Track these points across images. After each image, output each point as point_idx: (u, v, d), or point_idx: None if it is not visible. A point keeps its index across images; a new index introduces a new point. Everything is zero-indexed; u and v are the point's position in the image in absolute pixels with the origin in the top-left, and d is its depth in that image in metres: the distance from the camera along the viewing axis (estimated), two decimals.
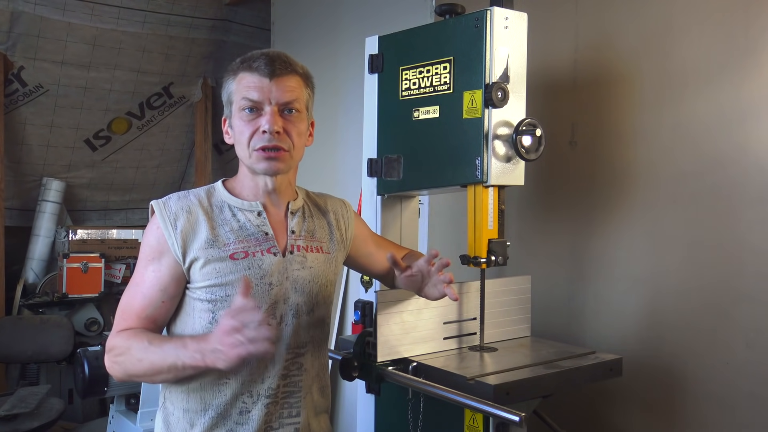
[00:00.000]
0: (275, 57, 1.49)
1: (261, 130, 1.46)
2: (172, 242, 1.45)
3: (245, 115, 1.47)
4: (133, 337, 1.41)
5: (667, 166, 2.11)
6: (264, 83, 1.46)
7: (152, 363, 1.37)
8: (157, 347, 1.37)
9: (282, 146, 1.47)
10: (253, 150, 1.47)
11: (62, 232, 4.60)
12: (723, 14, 1.98)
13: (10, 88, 4.32)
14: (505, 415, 1.49)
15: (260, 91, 1.46)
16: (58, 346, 3.92)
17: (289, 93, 1.48)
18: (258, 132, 1.46)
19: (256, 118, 1.47)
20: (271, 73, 1.47)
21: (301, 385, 1.53)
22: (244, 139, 1.48)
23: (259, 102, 1.46)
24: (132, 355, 1.40)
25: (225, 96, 1.53)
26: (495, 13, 1.81)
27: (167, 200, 1.51)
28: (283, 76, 1.48)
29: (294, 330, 1.51)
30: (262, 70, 1.46)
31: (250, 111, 1.47)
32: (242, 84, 1.48)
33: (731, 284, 1.95)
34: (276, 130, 1.45)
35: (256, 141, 1.47)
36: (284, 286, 1.50)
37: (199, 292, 1.46)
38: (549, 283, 2.38)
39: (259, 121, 1.46)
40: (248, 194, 1.55)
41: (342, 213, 1.70)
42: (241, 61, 1.50)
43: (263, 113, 1.46)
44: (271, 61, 1.47)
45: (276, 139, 1.46)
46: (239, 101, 1.48)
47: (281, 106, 1.48)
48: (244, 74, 1.48)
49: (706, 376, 2.00)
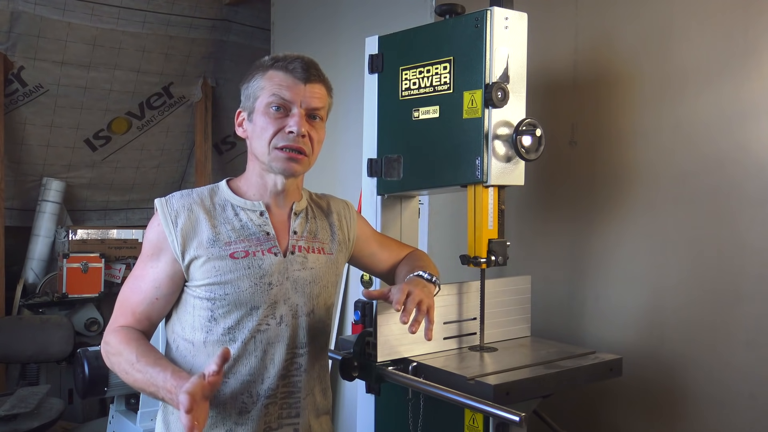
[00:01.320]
0: (310, 63, 1.52)
1: (287, 130, 1.47)
2: (172, 240, 1.46)
3: (272, 113, 1.48)
4: (125, 345, 1.42)
5: (668, 166, 2.10)
6: (298, 86, 1.48)
7: (135, 380, 1.40)
8: (143, 367, 1.37)
9: (304, 149, 1.49)
10: (274, 147, 1.48)
11: (62, 232, 4.60)
12: (723, 14, 1.98)
13: (10, 88, 4.32)
14: (505, 415, 1.49)
15: (293, 92, 1.48)
16: (58, 346, 3.92)
17: (319, 100, 1.51)
18: (283, 131, 1.47)
19: (283, 117, 1.48)
20: (306, 78, 1.49)
21: (301, 386, 1.53)
22: (267, 135, 1.48)
23: (289, 102, 1.48)
24: (121, 363, 1.42)
25: (249, 90, 1.53)
26: (495, 13, 1.81)
27: (170, 198, 1.52)
28: (316, 83, 1.51)
29: (293, 330, 1.51)
30: (298, 72, 1.49)
31: (278, 109, 1.48)
32: (274, 82, 1.49)
33: (731, 284, 1.95)
34: (303, 133, 1.47)
35: (279, 139, 1.48)
36: (284, 287, 1.50)
37: (199, 290, 1.47)
38: (549, 283, 2.38)
39: (285, 121, 1.48)
40: (253, 193, 1.55)
41: (345, 214, 1.71)
42: (273, 60, 1.52)
43: (291, 114, 1.48)
44: (306, 66, 1.50)
45: (300, 141, 1.48)
46: (268, 97, 1.48)
47: (309, 111, 1.50)
48: (277, 73, 1.49)
49: (706, 376, 2.00)
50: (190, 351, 1.50)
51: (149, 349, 1.43)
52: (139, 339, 1.45)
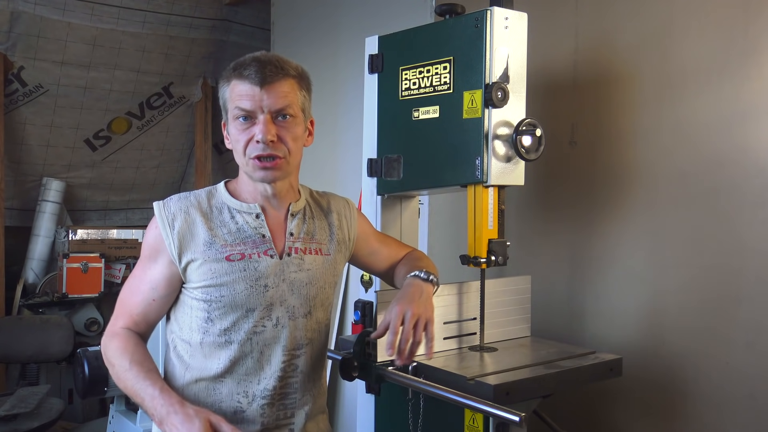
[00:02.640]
0: (266, 62, 1.46)
1: (255, 139, 1.45)
2: (169, 242, 1.47)
3: (239, 124, 1.46)
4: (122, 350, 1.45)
5: (667, 166, 2.11)
6: (255, 92, 1.44)
7: (126, 387, 1.42)
8: (133, 376, 1.40)
9: (277, 154, 1.47)
10: (249, 158, 1.47)
11: (62, 232, 4.60)
12: (723, 14, 1.98)
13: (10, 88, 4.32)
14: (505, 415, 1.49)
15: (252, 100, 1.44)
16: (58, 346, 3.92)
17: (282, 99, 1.46)
18: (252, 141, 1.45)
19: (250, 126, 1.46)
20: (261, 81, 1.44)
21: (298, 387, 1.54)
22: (239, 147, 1.47)
23: (251, 111, 1.45)
24: (115, 367, 1.44)
25: (221, 102, 1.53)
26: (495, 13, 1.81)
27: (168, 201, 1.52)
28: (275, 83, 1.45)
29: (290, 332, 1.51)
30: (253, 78, 1.44)
31: (244, 120, 1.46)
32: (234, 92, 1.46)
33: (731, 284, 1.95)
34: (269, 139, 1.44)
35: (251, 150, 1.46)
36: (280, 288, 1.50)
37: (195, 292, 1.48)
38: (549, 283, 2.38)
39: (252, 130, 1.45)
40: (248, 197, 1.55)
41: (345, 213, 1.70)
42: (233, 67, 1.49)
43: (257, 122, 1.45)
44: (261, 67, 1.45)
45: (270, 147, 1.45)
46: (233, 110, 1.47)
47: (274, 114, 1.46)
48: (236, 82, 1.46)
49: (705, 376, 2.00)
50: (188, 351, 1.51)
51: (144, 358, 1.44)
52: (137, 345, 1.46)
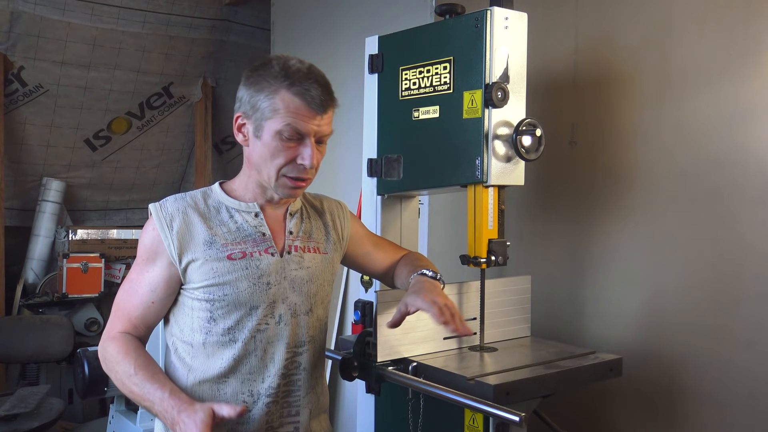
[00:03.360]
0: (326, 87, 1.45)
1: (299, 161, 1.44)
2: (168, 244, 1.46)
3: (284, 140, 1.43)
4: (123, 355, 1.44)
5: (667, 166, 2.11)
6: (315, 117, 1.43)
7: (132, 393, 1.41)
8: (140, 381, 1.39)
9: (310, 178, 1.49)
10: (282, 176, 1.46)
11: (62, 232, 4.60)
12: (723, 14, 1.98)
13: (10, 88, 4.32)
14: (505, 415, 1.49)
15: (310, 124, 1.43)
16: (58, 346, 3.92)
17: (329, 127, 1.48)
18: (294, 162, 1.44)
19: (295, 146, 1.44)
20: (323, 108, 1.43)
21: (301, 384, 1.54)
22: (277, 162, 1.44)
23: (304, 133, 1.43)
24: (118, 373, 1.43)
25: (258, 102, 1.44)
26: (495, 13, 1.81)
27: (164, 202, 1.52)
28: (329, 110, 1.46)
29: (293, 329, 1.52)
30: (316, 104, 1.42)
31: (290, 139, 1.43)
32: (290, 109, 1.41)
33: (731, 284, 1.95)
34: (316, 165, 1.46)
35: (290, 169, 1.45)
36: (282, 286, 1.51)
37: (197, 293, 1.47)
38: (549, 283, 2.38)
39: (297, 150, 1.44)
40: (246, 196, 1.55)
41: (338, 213, 1.71)
42: (288, 77, 1.42)
43: (304, 144, 1.44)
44: (324, 92, 1.43)
45: (308, 173, 1.47)
46: (281, 125, 1.42)
47: (319, 138, 1.47)
48: (293, 99, 1.41)
49: (706, 376, 2.00)
50: (189, 353, 1.50)
51: (148, 362, 1.44)
52: (138, 349, 1.46)
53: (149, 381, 1.39)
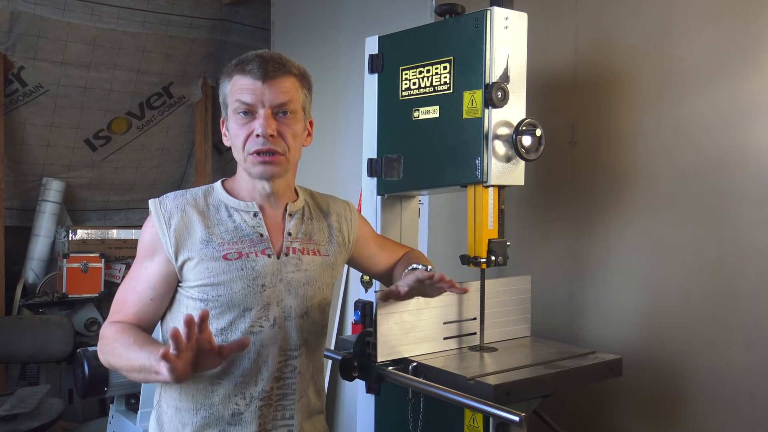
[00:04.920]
0: (269, 58, 1.48)
1: (255, 133, 1.45)
2: (166, 240, 1.46)
3: (239, 119, 1.47)
4: (121, 332, 1.43)
5: (667, 167, 2.11)
6: (257, 86, 1.45)
7: (129, 360, 1.38)
8: (138, 347, 1.37)
9: (277, 149, 1.47)
10: (248, 154, 1.47)
11: (62, 232, 4.60)
12: (723, 14, 1.98)
13: (10, 88, 4.32)
14: (505, 415, 1.49)
15: (253, 94, 1.45)
16: (58, 346, 3.92)
17: (283, 95, 1.47)
18: (252, 135, 1.46)
19: (250, 121, 1.46)
20: (264, 76, 1.45)
21: (295, 388, 1.53)
22: (239, 142, 1.48)
23: (252, 105, 1.45)
24: (116, 348, 1.42)
25: (221, 98, 1.53)
26: (495, 13, 1.81)
27: (164, 199, 1.52)
28: (277, 78, 1.47)
29: (287, 332, 1.51)
30: (255, 72, 1.45)
31: (245, 114, 1.46)
32: (236, 87, 1.47)
33: (731, 284, 1.95)
34: (269, 133, 1.45)
35: (250, 145, 1.47)
36: (277, 288, 1.50)
37: (192, 291, 1.47)
38: (549, 283, 2.38)
39: (252, 125, 1.46)
40: (245, 195, 1.55)
41: (345, 215, 1.70)
42: (235, 63, 1.49)
43: (257, 116, 1.46)
44: (264, 62, 1.46)
45: (270, 142, 1.45)
46: (233, 104, 1.47)
47: (275, 109, 1.47)
48: (238, 77, 1.47)
49: (705, 376, 2.00)
50: None
51: (148, 337, 1.44)
52: (137, 328, 1.46)
53: (147, 346, 1.36)
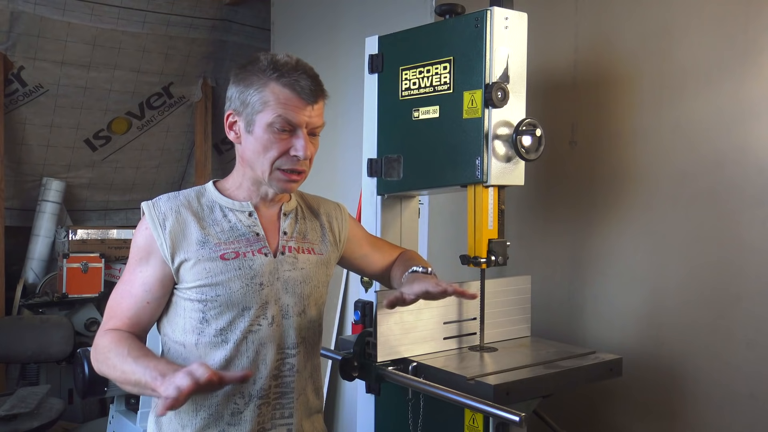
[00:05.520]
0: (315, 78, 1.45)
1: (292, 153, 1.44)
2: (161, 242, 1.45)
3: (276, 132, 1.43)
4: (116, 342, 1.40)
5: (667, 167, 2.11)
6: (306, 108, 1.43)
7: (124, 373, 1.36)
8: (133, 360, 1.34)
9: (304, 170, 1.48)
10: (276, 169, 1.46)
11: (62, 232, 4.60)
12: (722, 14, 1.98)
13: (10, 88, 4.32)
14: (505, 415, 1.49)
15: (301, 115, 1.43)
16: (58, 346, 3.92)
17: (321, 118, 1.48)
18: (287, 154, 1.44)
19: (288, 138, 1.44)
20: (313, 98, 1.43)
21: (294, 386, 1.53)
22: (270, 155, 1.44)
23: (296, 124, 1.43)
24: (110, 358, 1.39)
25: (248, 98, 1.45)
26: (495, 13, 1.81)
27: (157, 201, 1.51)
28: (319, 101, 1.46)
29: (285, 331, 1.51)
30: (306, 93, 1.42)
31: (283, 130, 1.43)
32: (280, 100, 1.42)
33: (731, 284, 1.95)
34: (310, 156, 1.46)
35: (283, 162, 1.45)
36: (275, 287, 1.50)
37: (189, 293, 1.46)
38: (549, 283, 2.38)
39: (290, 142, 1.44)
40: (242, 195, 1.54)
41: (336, 215, 1.70)
42: (276, 69, 1.43)
43: (296, 135, 1.44)
44: (314, 84, 1.44)
45: (303, 165, 1.46)
46: (272, 116, 1.42)
47: (311, 130, 1.47)
48: (283, 90, 1.42)
49: (705, 376, 2.00)
50: (182, 354, 1.49)
51: (142, 346, 1.41)
52: (132, 337, 1.43)
53: (142, 359, 1.33)
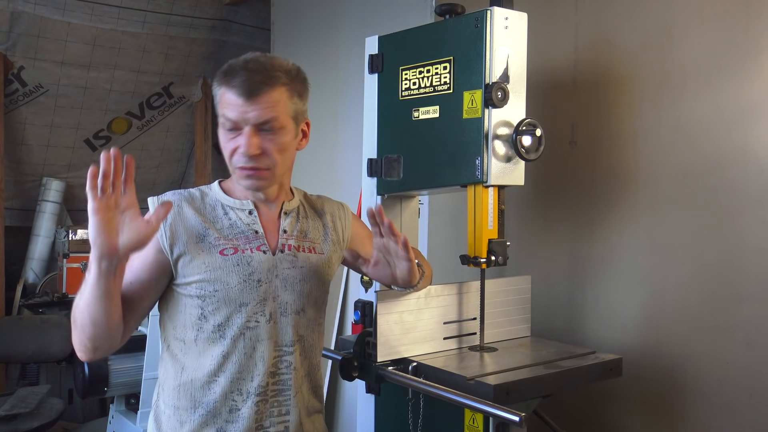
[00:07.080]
0: (254, 71, 1.44)
1: (239, 151, 1.45)
2: (161, 233, 1.47)
3: (226, 132, 1.47)
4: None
5: (667, 167, 2.11)
6: (239, 103, 1.43)
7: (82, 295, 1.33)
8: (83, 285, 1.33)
9: (260, 166, 1.46)
10: (234, 167, 1.48)
11: (62, 232, 4.60)
12: (722, 14, 1.98)
13: (10, 88, 4.32)
14: (505, 415, 1.49)
15: (236, 111, 1.43)
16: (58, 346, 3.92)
17: (267, 111, 1.44)
18: (238, 150, 1.45)
19: (235, 136, 1.45)
20: (248, 93, 1.42)
21: (291, 384, 1.54)
22: (226, 154, 1.48)
23: (236, 122, 1.44)
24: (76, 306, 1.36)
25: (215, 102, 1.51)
26: (495, 13, 1.81)
27: (162, 196, 1.54)
28: (261, 94, 1.43)
29: (282, 328, 1.52)
30: (239, 88, 1.42)
31: (231, 129, 1.45)
32: (222, 101, 1.46)
33: (731, 284, 1.95)
34: (252, 153, 1.44)
35: (236, 159, 1.47)
36: (273, 284, 1.51)
37: (189, 288, 1.48)
38: (549, 283, 2.38)
39: (238, 140, 1.45)
40: (240, 195, 1.56)
41: (339, 215, 1.71)
42: (223, 71, 1.47)
43: (242, 133, 1.45)
44: (249, 77, 1.43)
45: (254, 161, 1.45)
46: (220, 117, 1.47)
47: (259, 126, 1.45)
48: (224, 89, 1.45)
49: (705, 376, 2.00)
50: (182, 349, 1.51)
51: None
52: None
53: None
